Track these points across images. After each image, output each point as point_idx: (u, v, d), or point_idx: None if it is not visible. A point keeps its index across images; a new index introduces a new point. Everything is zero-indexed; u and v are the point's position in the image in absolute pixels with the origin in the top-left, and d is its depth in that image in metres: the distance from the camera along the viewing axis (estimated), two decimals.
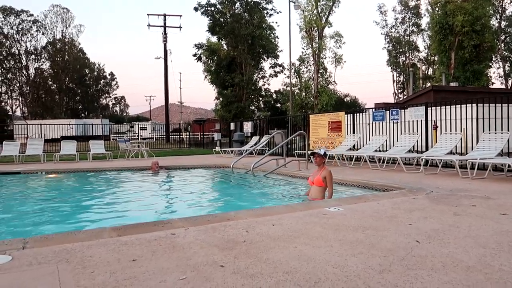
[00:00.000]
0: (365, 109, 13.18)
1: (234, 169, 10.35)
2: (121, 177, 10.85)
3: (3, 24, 54.16)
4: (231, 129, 21.52)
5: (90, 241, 3.30)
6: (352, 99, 59.79)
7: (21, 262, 2.78)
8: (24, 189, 9.44)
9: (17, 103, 60.59)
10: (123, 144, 17.32)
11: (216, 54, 36.63)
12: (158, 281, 2.42)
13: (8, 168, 12.07)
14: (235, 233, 3.53)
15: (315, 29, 37.79)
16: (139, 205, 7.06)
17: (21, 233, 5.09)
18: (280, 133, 12.76)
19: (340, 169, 9.65)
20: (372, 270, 2.57)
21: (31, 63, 57.96)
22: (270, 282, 2.38)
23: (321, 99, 36.91)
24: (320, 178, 5.76)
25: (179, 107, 76.60)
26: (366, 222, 3.91)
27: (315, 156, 5.96)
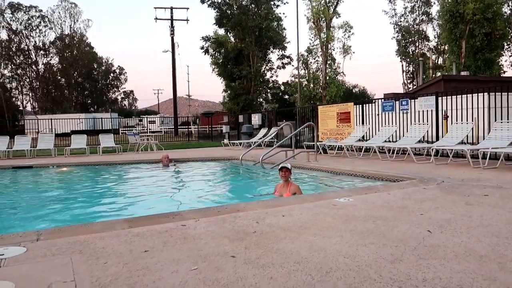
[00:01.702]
0: (374, 99, 13.08)
1: (243, 161, 10.36)
2: (131, 170, 10.94)
3: (12, 20, 54.58)
4: (239, 121, 21.52)
5: (103, 233, 3.34)
6: (360, 90, 59.31)
7: (35, 254, 2.83)
8: (36, 183, 9.58)
9: (27, 98, 61.27)
10: (132, 138, 17.43)
11: (224, 47, 36.50)
12: (170, 271, 2.44)
13: (20, 162, 12.24)
14: (245, 224, 3.54)
15: (323, 19, 37.41)
16: (149, 198, 7.13)
17: (34, 225, 5.17)
18: (288, 125, 12.71)
19: (349, 160, 9.62)
20: (384, 260, 2.56)
21: (40, 58, 58.43)
22: (281, 272, 2.39)
23: (330, 90, 36.65)
24: (290, 194, 5.69)
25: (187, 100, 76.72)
26: (377, 212, 3.90)
27: (284, 170, 5.82)
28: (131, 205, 6.64)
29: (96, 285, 2.24)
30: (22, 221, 5.61)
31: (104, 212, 6.14)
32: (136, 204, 6.62)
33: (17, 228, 5.12)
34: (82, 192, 8.05)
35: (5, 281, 2.29)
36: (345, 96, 39.30)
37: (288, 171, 5.80)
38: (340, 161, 9.62)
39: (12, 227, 5.19)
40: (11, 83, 57.95)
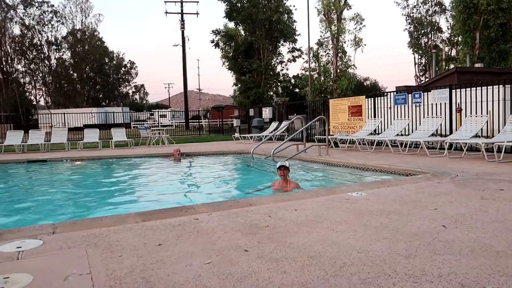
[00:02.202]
0: (386, 92, 12.93)
1: (254, 155, 10.36)
2: (144, 164, 11.03)
3: (24, 15, 55.18)
4: (250, 115, 21.51)
5: (117, 226, 3.37)
6: (372, 83, 58.76)
7: (52, 246, 2.87)
8: (50, 176, 9.72)
9: (40, 93, 62.07)
10: (144, 132, 17.56)
11: (234, 40, 36.40)
12: (184, 265, 2.46)
13: (35, 156, 12.42)
14: (257, 218, 3.55)
15: (334, 12, 37.00)
16: (161, 191, 7.17)
17: (49, 218, 5.25)
18: (299, 119, 12.67)
19: (361, 154, 9.55)
20: (398, 255, 2.54)
21: (53, 53, 59.05)
22: (295, 266, 2.39)
23: (340, 83, 36.35)
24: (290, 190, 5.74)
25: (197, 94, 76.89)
26: (390, 206, 3.87)
27: (282, 169, 5.84)
28: (143, 198, 6.70)
29: (112, 278, 2.27)
30: (36, 214, 5.71)
31: (117, 205, 6.20)
32: (148, 198, 6.68)
33: (32, 220, 5.21)
34: (95, 185, 8.15)
35: (24, 273, 2.34)
36: (356, 89, 38.97)
37: (286, 169, 5.85)
38: (352, 154, 9.56)
39: (27, 220, 5.28)
40: (25, 78, 58.76)
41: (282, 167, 5.82)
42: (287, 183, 5.83)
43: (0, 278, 2.27)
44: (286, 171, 5.84)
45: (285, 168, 5.82)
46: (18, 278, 2.26)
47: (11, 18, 53.78)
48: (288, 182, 5.87)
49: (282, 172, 5.82)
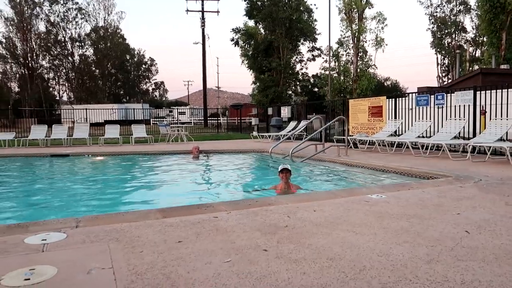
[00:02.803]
0: (408, 93, 12.71)
1: (272, 154, 10.36)
2: (163, 160, 11.16)
3: (50, 12, 56.46)
4: (268, 114, 21.49)
5: (137, 222, 3.43)
6: (392, 83, 57.90)
7: (75, 240, 2.94)
8: (73, 171, 9.94)
9: (63, 88, 63.45)
10: (163, 129, 17.76)
11: (253, 39, 36.43)
12: (204, 262, 2.48)
13: (58, 150, 12.73)
14: (276, 218, 3.55)
15: (355, 10, 36.61)
16: (180, 188, 7.26)
17: (71, 211, 5.38)
18: (319, 118, 12.59)
19: (381, 155, 9.43)
20: (419, 259, 2.50)
21: (76, 50, 60.23)
22: (314, 267, 2.38)
23: (360, 83, 35.96)
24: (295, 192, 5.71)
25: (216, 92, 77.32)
26: (411, 210, 3.81)
27: (284, 172, 5.76)
28: (162, 195, 6.79)
29: (133, 273, 2.31)
30: (59, 207, 5.85)
31: (136, 201, 6.31)
32: (167, 194, 6.76)
33: (55, 214, 5.35)
34: (115, 180, 8.30)
35: (49, 265, 2.40)
36: (377, 90, 38.49)
37: (289, 172, 5.80)
38: (372, 156, 9.45)
39: (50, 213, 5.42)
40: (49, 73, 60.13)
41: (285, 170, 5.76)
42: (290, 186, 5.80)
43: (26, 269, 2.34)
44: (289, 174, 5.80)
45: (287, 171, 5.76)
46: (43, 270, 2.33)
47: (37, 15, 55.13)
48: (290, 185, 5.84)
49: (285, 175, 5.76)
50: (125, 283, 2.17)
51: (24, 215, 5.32)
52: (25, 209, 5.75)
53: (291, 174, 5.86)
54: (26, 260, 2.52)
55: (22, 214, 5.38)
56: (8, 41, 53.96)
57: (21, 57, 54.22)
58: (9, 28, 53.73)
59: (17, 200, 6.37)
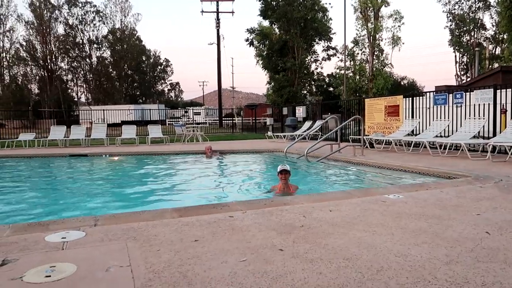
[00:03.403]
0: (425, 92, 12.51)
1: (287, 154, 10.33)
2: (178, 160, 11.26)
3: (68, 15, 57.59)
4: (283, 113, 21.45)
5: (154, 221, 3.46)
6: (409, 82, 57.03)
7: (93, 238, 2.99)
8: (91, 170, 10.11)
9: (81, 89, 64.62)
10: (179, 129, 17.91)
11: (268, 39, 36.36)
12: (220, 261, 2.49)
13: (76, 150, 12.97)
14: (292, 217, 3.54)
15: (371, 9, 36.22)
16: (195, 188, 7.30)
17: (89, 210, 5.46)
18: (334, 118, 12.50)
19: (397, 155, 9.31)
20: (438, 261, 2.46)
21: (94, 52, 61.30)
22: (330, 268, 2.37)
23: (376, 82, 35.55)
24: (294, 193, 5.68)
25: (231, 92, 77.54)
26: (429, 210, 3.75)
27: (284, 173, 5.75)
28: (177, 194, 6.84)
29: (151, 271, 2.33)
30: (78, 205, 5.95)
31: (152, 200, 6.37)
32: (182, 194, 6.81)
33: (74, 212, 5.45)
34: (131, 180, 8.41)
35: (68, 263, 2.45)
36: (393, 89, 37.97)
37: (288, 173, 5.79)
38: (388, 156, 9.33)
39: (69, 211, 5.53)
40: (67, 75, 61.34)
41: (284, 171, 5.76)
42: (289, 187, 5.80)
43: (47, 266, 2.39)
44: (288, 175, 5.80)
45: (286, 172, 5.76)
46: (63, 268, 2.38)
47: (56, 18, 56.31)
48: (289, 186, 5.83)
49: (284, 176, 5.76)
50: (143, 281, 2.20)
51: (44, 214, 5.44)
52: (45, 207, 5.88)
53: (290, 174, 5.87)
54: (46, 257, 2.58)
55: (42, 213, 5.50)
56: (28, 44, 55.29)
57: (40, 59, 55.47)
58: (29, 31, 55.07)
59: (38, 199, 6.52)
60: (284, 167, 5.81)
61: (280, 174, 5.78)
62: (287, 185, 5.80)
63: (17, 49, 55.76)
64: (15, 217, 5.11)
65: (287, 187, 5.80)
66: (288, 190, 5.77)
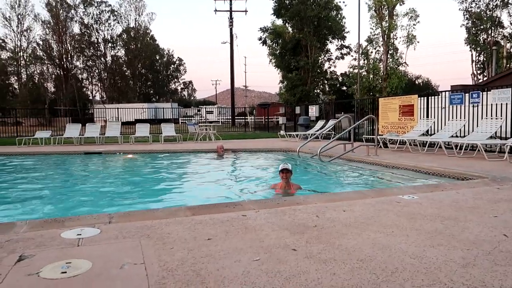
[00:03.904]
0: (440, 91, 12.32)
1: (300, 153, 10.30)
2: (191, 159, 11.32)
3: (84, 15, 58.38)
4: (296, 113, 21.38)
5: (168, 219, 3.48)
6: (424, 81, 56.34)
7: (108, 235, 3.02)
8: (105, 168, 10.23)
9: (96, 88, 65.51)
10: (191, 127, 18.00)
11: (281, 37, 36.29)
12: (233, 260, 2.49)
13: (91, 148, 13.14)
14: (305, 217, 3.52)
15: (385, 7, 35.81)
16: (207, 186, 7.32)
17: (103, 207, 5.53)
18: (347, 117, 12.40)
19: (412, 155, 9.20)
20: (454, 263, 2.42)
21: (108, 50, 62.02)
22: (344, 268, 2.35)
23: (390, 81, 35.15)
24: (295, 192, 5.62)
25: (243, 91, 77.67)
26: (445, 211, 3.69)
27: (285, 172, 5.67)
28: (189, 192, 6.88)
29: (164, 269, 2.35)
30: (92, 203, 6.03)
31: (165, 198, 6.42)
32: (194, 192, 6.84)
33: (87, 209, 5.52)
34: (144, 178, 8.48)
35: (84, 260, 2.48)
36: (407, 88, 37.54)
37: (289, 172, 5.72)
38: (402, 156, 9.23)
39: (83, 208, 5.60)
40: (82, 74, 62.24)
41: (285, 170, 5.69)
42: (291, 186, 5.75)
43: (63, 262, 2.42)
44: (289, 174, 5.73)
45: (287, 171, 5.70)
46: (79, 264, 2.41)
47: (72, 17, 57.14)
48: (291, 185, 5.78)
49: (285, 175, 5.70)
50: (157, 278, 2.21)
51: (59, 210, 5.53)
52: (60, 204, 5.97)
53: (291, 174, 5.81)
54: (62, 253, 2.62)
55: (58, 209, 5.59)
56: (44, 43, 56.25)
57: (56, 58, 56.37)
58: (45, 30, 56.01)
59: (53, 196, 6.63)
60: (285, 166, 5.75)
61: (282, 173, 5.72)
62: (288, 184, 5.74)
63: (34, 48, 56.84)
64: (31, 214, 5.21)
65: (288, 186, 5.74)
66: (289, 189, 5.72)
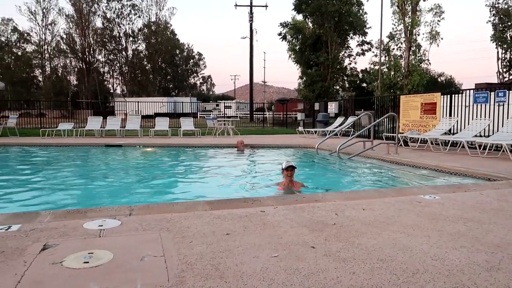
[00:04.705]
0: (464, 90, 12.01)
1: (318, 150, 10.23)
2: (209, 153, 11.38)
3: (106, 9, 59.20)
4: (314, 109, 21.23)
5: (186, 213, 3.51)
6: (447, 79, 55.08)
7: (129, 227, 3.07)
8: (125, 160, 10.39)
9: (117, 81, 66.51)
10: (210, 122, 18.09)
11: (301, 33, 35.97)
12: (252, 256, 2.49)
13: (112, 140, 13.36)
14: (324, 215, 3.50)
15: (408, 3, 35.05)
16: (225, 181, 7.34)
17: (122, 199, 5.62)
18: (367, 115, 12.25)
19: (433, 154, 9.02)
20: (478, 266, 2.36)
21: (130, 44, 62.77)
22: (364, 268, 2.32)
23: (412, 79, 34.47)
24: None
25: (262, 86, 77.55)
26: (468, 213, 3.60)
27: (290, 170, 5.56)
28: (208, 187, 6.91)
29: (184, 262, 2.37)
30: (112, 194, 6.14)
31: (183, 191, 6.48)
32: (213, 187, 6.87)
33: (107, 200, 5.62)
34: (163, 171, 8.58)
35: (105, 250, 2.52)
36: (429, 85, 36.77)
37: (294, 169, 5.63)
38: (423, 155, 9.05)
39: (103, 200, 5.71)
40: (104, 67, 63.24)
41: (290, 168, 5.59)
42: (294, 184, 5.67)
43: (85, 253, 2.48)
44: (293, 171, 5.64)
45: (292, 168, 5.60)
46: (100, 255, 2.45)
47: (95, 11, 58.02)
48: (294, 183, 5.69)
49: (290, 173, 5.60)
50: (176, 271, 2.23)
51: (79, 200, 5.65)
52: (81, 195, 6.09)
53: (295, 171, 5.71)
54: (85, 244, 2.67)
55: (78, 199, 5.72)
56: (68, 37, 57.32)
57: (79, 51, 57.40)
58: (69, 24, 57.06)
59: (75, 186, 6.77)
60: (290, 163, 5.66)
61: (286, 171, 5.62)
62: (292, 182, 5.66)
63: (58, 42, 57.96)
64: (53, 203, 5.34)
65: (292, 183, 5.66)
66: (293, 186, 5.64)
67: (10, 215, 3.44)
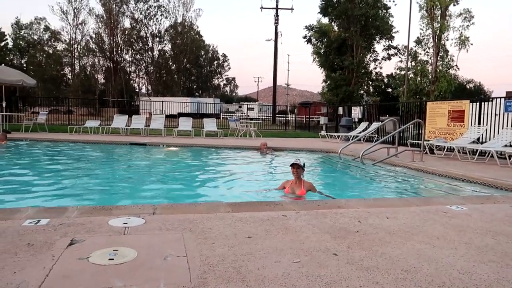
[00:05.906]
0: (494, 98, 11.65)
1: (341, 155, 10.12)
2: (232, 154, 11.43)
3: (134, 10, 60.47)
4: (338, 113, 21.03)
5: (209, 214, 3.54)
6: (476, 86, 53.58)
7: (152, 226, 3.11)
8: (148, 159, 10.56)
9: (143, 81, 67.77)
10: (233, 123, 18.18)
11: (326, 36, 35.72)
12: (273, 260, 2.48)
13: (136, 139, 13.61)
14: (346, 222, 3.45)
15: (438, 7, 34.30)
16: (247, 183, 7.36)
17: (145, 197, 5.71)
18: (392, 120, 12.04)
19: (460, 164, 8.78)
20: (508, 282, 2.28)
21: (156, 45, 63.89)
22: (388, 278, 2.28)
23: (439, 85, 33.68)
24: (304, 191, 5.36)
25: (285, 89, 77.38)
26: (497, 226, 3.49)
27: (295, 167, 5.37)
28: (230, 188, 6.92)
29: (206, 264, 2.38)
30: (136, 192, 6.25)
31: (204, 192, 6.52)
32: (235, 188, 6.88)
33: (130, 198, 5.72)
34: (185, 171, 8.67)
35: (130, 248, 2.57)
36: (457, 92, 35.86)
37: (300, 168, 5.40)
38: (450, 163, 8.83)
39: (128, 197, 5.81)
40: (130, 67, 64.57)
41: (295, 165, 5.38)
42: (301, 184, 5.46)
43: (110, 250, 2.53)
44: (300, 170, 5.42)
45: (298, 166, 5.38)
46: (125, 252, 2.50)
47: (123, 12, 59.36)
48: (302, 182, 5.48)
49: (295, 170, 5.40)
50: (198, 273, 2.25)
51: (104, 197, 5.77)
52: (106, 191, 6.23)
53: (303, 170, 5.50)
54: (110, 240, 2.73)
55: (103, 196, 5.84)
56: (97, 36, 58.82)
57: (107, 51, 58.81)
58: (98, 24, 58.56)
59: (101, 183, 6.92)
60: (296, 161, 5.50)
61: (292, 168, 5.47)
62: (300, 181, 5.49)
63: (87, 41, 59.57)
64: (78, 198, 5.47)
65: (299, 183, 5.48)
66: (299, 186, 5.46)
67: (39, 209, 3.55)
